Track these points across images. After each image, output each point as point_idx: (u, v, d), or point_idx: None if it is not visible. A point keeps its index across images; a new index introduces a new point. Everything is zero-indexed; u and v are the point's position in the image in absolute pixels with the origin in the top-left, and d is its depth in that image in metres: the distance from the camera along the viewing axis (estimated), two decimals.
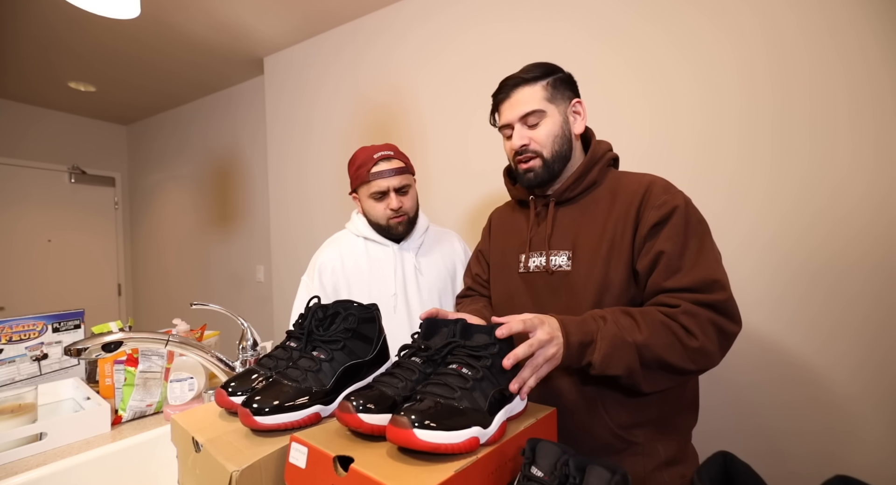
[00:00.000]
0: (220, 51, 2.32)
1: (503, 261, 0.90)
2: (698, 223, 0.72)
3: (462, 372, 0.53)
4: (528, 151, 0.80)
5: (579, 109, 0.82)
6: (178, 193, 3.26)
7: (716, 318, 0.66)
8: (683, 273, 0.68)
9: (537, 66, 0.81)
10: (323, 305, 0.70)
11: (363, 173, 1.03)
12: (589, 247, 0.77)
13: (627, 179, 0.79)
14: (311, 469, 0.48)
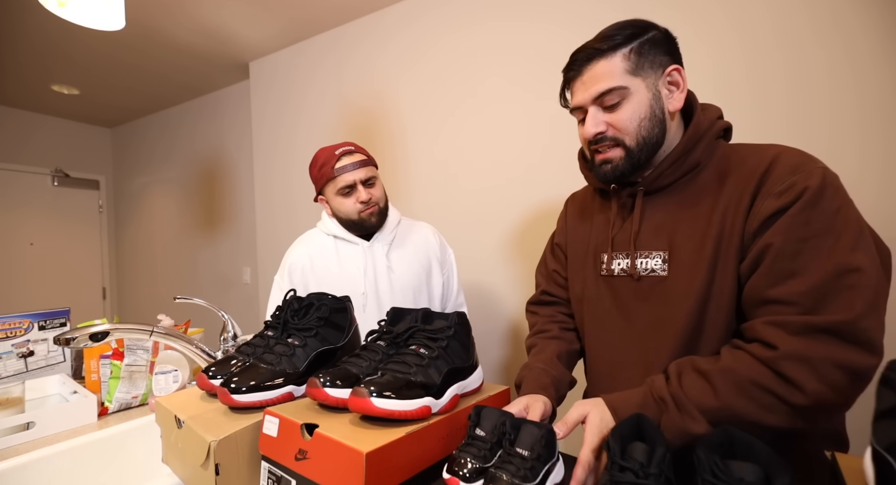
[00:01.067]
0: (206, 55, 2.36)
1: (581, 261, 0.77)
2: (836, 213, 0.52)
3: (420, 352, 0.60)
4: (607, 138, 0.64)
5: (677, 79, 0.63)
6: (165, 196, 3.27)
7: (839, 353, 0.48)
8: (797, 279, 0.51)
9: (618, 30, 0.62)
10: (298, 297, 0.76)
11: (328, 171, 1.03)
12: (690, 247, 0.61)
13: (743, 156, 0.61)
14: (281, 437, 0.53)
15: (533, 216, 1.59)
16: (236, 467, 0.56)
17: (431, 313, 0.67)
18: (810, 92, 1.14)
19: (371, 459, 0.45)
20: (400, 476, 0.49)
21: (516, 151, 1.61)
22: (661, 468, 0.43)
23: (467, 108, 1.74)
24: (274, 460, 0.54)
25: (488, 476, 0.46)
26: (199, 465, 0.55)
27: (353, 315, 0.78)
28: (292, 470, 0.52)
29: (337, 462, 0.47)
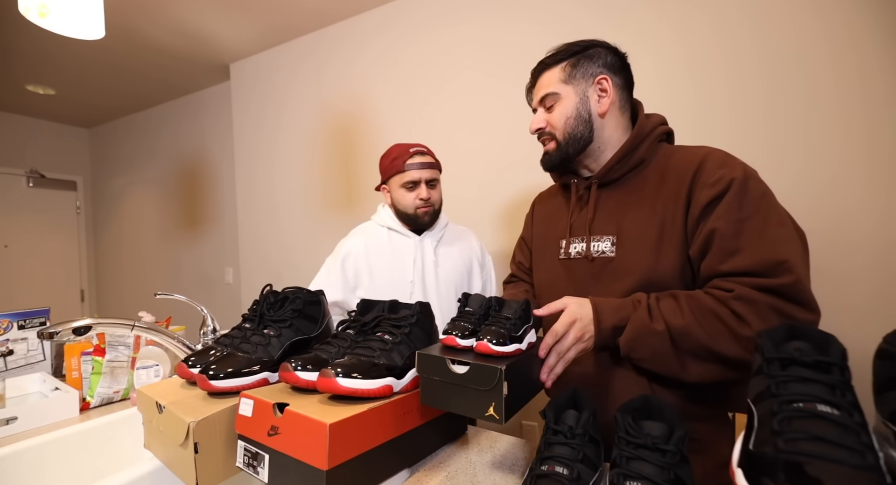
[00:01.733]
0: (186, 56, 2.37)
1: (545, 247, 0.87)
2: (761, 197, 0.63)
3: (384, 338, 0.65)
4: (545, 133, 0.80)
5: (605, 86, 0.75)
6: (145, 196, 3.25)
7: (780, 304, 0.58)
8: (742, 254, 0.61)
9: (563, 48, 0.78)
10: (275, 291, 0.81)
11: (399, 164, 1.11)
12: (635, 232, 0.71)
13: (680, 155, 0.72)
14: (255, 416, 0.58)
15: (509, 212, 1.66)
16: (214, 446, 0.61)
17: (398, 304, 0.73)
18: (746, 101, 1.24)
19: (334, 430, 0.50)
20: (362, 447, 0.55)
21: (496, 148, 1.68)
22: (587, 429, 0.49)
23: (444, 108, 1.80)
24: (249, 438, 0.59)
25: (482, 330, 0.56)
26: (179, 445, 0.60)
27: (327, 308, 0.83)
28: (266, 445, 0.57)
29: (304, 435, 0.52)
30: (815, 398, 0.36)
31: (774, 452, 0.34)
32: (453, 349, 0.57)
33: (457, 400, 0.54)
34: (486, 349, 0.54)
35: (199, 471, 0.59)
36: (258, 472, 0.58)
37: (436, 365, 0.55)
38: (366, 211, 2.02)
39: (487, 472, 0.62)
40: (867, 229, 1.11)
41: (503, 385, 0.49)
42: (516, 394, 0.53)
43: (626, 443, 0.45)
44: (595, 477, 0.47)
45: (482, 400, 0.51)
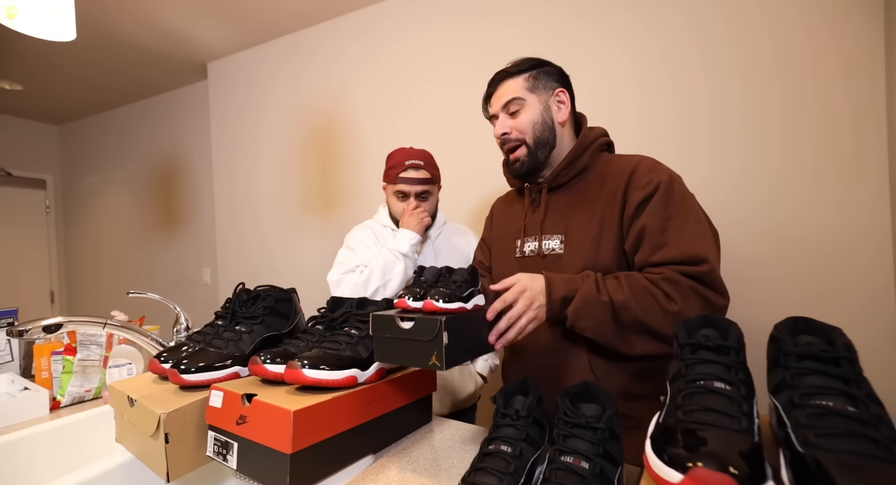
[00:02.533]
0: (161, 55, 2.34)
1: (502, 247, 0.94)
2: (682, 199, 0.73)
3: (350, 332, 0.69)
4: (511, 139, 0.84)
5: (563, 98, 0.84)
6: (119, 196, 3.18)
7: (698, 287, 0.68)
8: (668, 248, 0.71)
9: (524, 61, 0.85)
10: (247, 290, 0.84)
11: (392, 175, 1.16)
12: (580, 230, 0.80)
13: (617, 162, 0.82)
14: (225, 407, 0.61)
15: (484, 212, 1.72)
16: (185, 437, 0.63)
17: (365, 301, 0.77)
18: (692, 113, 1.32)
19: (298, 416, 0.54)
20: (326, 433, 0.58)
21: (474, 149, 1.73)
22: (531, 412, 0.54)
23: (423, 110, 1.84)
24: (219, 428, 0.62)
25: (431, 292, 0.60)
26: (150, 436, 0.62)
27: (299, 305, 0.86)
28: (234, 434, 0.60)
29: (270, 423, 0.56)
30: (713, 377, 0.41)
31: (675, 422, 0.39)
32: (405, 310, 0.61)
33: (405, 353, 0.59)
34: (431, 307, 0.58)
35: (170, 461, 0.62)
36: (227, 460, 0.61)
37: (387, 323, 0.60)
38: (344, 212, 2.04)
39: (447, 455, 0.67)
40: (812, 231, 1.20)
41: (443, 335, 0.54)
42: (458, 346, 0.57)
43: (564, 423, 0.50)
44: (536, 454, 0.52)
45: (426, 350, 0.56)
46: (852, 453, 0.31)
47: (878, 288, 1.13)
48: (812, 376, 0.38)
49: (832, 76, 1.19)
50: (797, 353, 0.39)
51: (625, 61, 1.45)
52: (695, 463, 0.33)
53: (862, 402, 0.35)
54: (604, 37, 1.48)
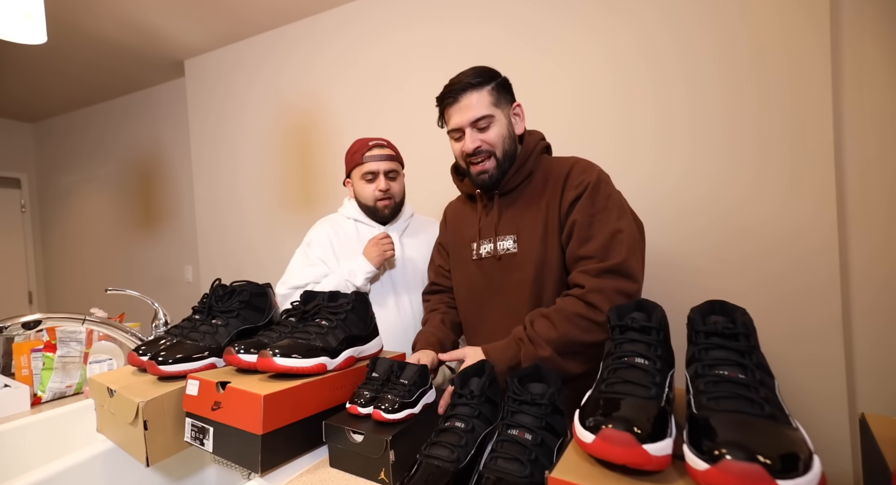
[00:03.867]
0: (136, 52, 2.31)
1: (459, 251, 0.99)
2: (608, 197, 0.81)
3: (321, 323, 0.73)
4: (482, 151, 0.86)
5: (519, 112, 0.90)
6: (97, 194, 3.14)
7: (618, 283, 0.75)
8: (592, 241, 0.78)
9: (479, 72, 0.86)
10: (223, 285, 0.87)
11: (358, 157, 1.15)
12: (529, 229, 0.86)
13: (556, 164, 0.88)
14: (201, 395, 0.65)
15: None
16: (163, 425, 0.67)
17: (337, 294, 0.80)
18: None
19: (268, 400, 0.58)
20: (296, 416, 0.62)
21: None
22: (484, 392, 0.59)
23: (403, 107, 1.87)
24: (195, 414, 0.66)
25: (378, 397, 0.62)
26: (129, 424, 0.66)
27: (274, 299, 0.90)
28: (210, 419, 0.64)
29: (243, 407, 0.60)
30: (635, 354, 0.47)
31: (598, 393, 0.44)
32: (356, 417, 0.62)
33: (356, 465, 0.59)
34: (379, 417, 0.60)
35: (149, 447, 0.65)
36: (204, 444, 0.65)
37: (339, 434, 0.60)
38: (324, 209, 2.06)
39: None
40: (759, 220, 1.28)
41: (390, 453, 0.56)
42: (409, 457, 0.57)
43: (513, 400, 0.55)
44: (488, 430, 0.57)
45: (375, 465, 0.57)
46: (733, 411, 0.37)
47: (825, 275, 1.21)
48: (715, 349, 0.43)
49: (777, 69, 1.25)
50: (705, 330, 0.45)
51: (600, 56, 1.49)
52: (606, 425, 0.38)
53: (750, 370, 0.40)
54: (580, 33, 1.52)
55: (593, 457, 0.40)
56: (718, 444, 0.33)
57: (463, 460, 0.51)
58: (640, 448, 0.36)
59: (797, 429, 0.36)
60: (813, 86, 1.22)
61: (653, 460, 0.36)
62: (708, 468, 0.33)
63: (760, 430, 0.35)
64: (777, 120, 1.26)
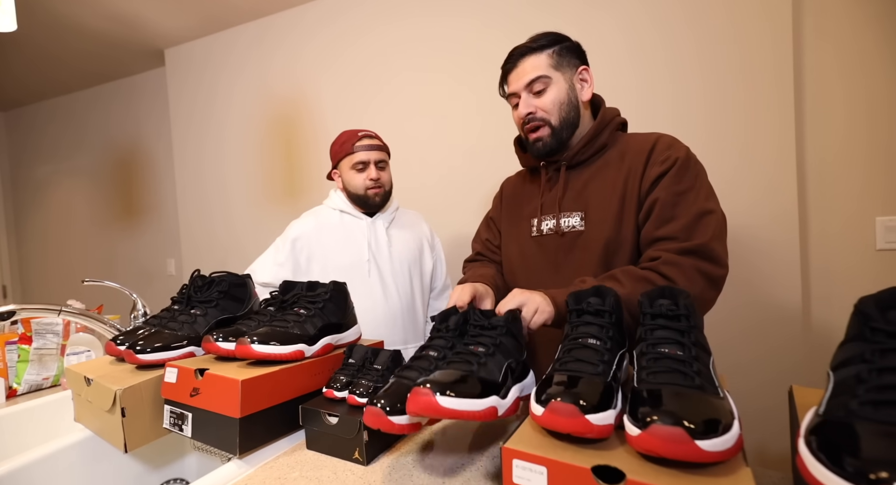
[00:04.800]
0: (113, 40, 2.26)
1: (516, 227, 0.93)
2: (696, 176, 0.74)
3: (299, 312, 0.75)
4: (535, 118, 0.82)
5: (586, 77, 0.83)
6: (74, 185, 3.06)
7: (700, 264, 0.68)
8: (674, 222, 0.71)
9: (544, 36, 0.82)
10: (202, 276, 0.88)
11: (348, 147, 1.16)
12: (601, 206, 0.79)
13: (635, 139, 0.82)
14: (179, 382, 0.67)
15: (458, 198, 1.78)
16: (141, 412, 0.68)
17: (316, 284, 0.82)
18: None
19: (246, 385, 0.60)
20: (274, 400, 0.65)
21: (443, 138, 1.78)
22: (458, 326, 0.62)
23: (391, 102, 1.88)
24: (174, 401, 0.68)
25: (353, 383, 0.65)
26: (107, 411, 0.67)
27: (254, 290, 0.91)
28: (188, 405, 0.65)
29: (221, 392, 0.61)
30: (588, 335, 0.50)
31: (552, 372, 0.48)
32: (332, 401, 0.66)
33: (333, 446, 0.62)
34: (353, 401, 0.63)
35: (127, 434, 0.67)
36: (183, 430, 0.67)
37: (315, 417, 0.63)
38: (309, 201, 2.07)
39: None
40: None
41: (363, 433, 0.59)
42: (381, 437, 0.62)
43: (474, 326, 0.59)
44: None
45: (349, 445, 0.60)
46: (668, 383, 0.41)
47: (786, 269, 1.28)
48: (659, 330, 0.47)
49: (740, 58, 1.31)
50: (651, 313, 0.48)
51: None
52: (555, 399, 0.41)
53: (688, 347, 0.44)
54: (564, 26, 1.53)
55: (545, 429, 0.43)
56: (650, 411, 0.37)
57: None
58: (583, 418, 0.39)
59: (724, 398, 0.40)
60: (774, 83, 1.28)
61: (594, 429, 0.40)
62: (640, 433, 0.36)
63: (688, 398, 0.38)
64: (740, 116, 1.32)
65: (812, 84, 1.29)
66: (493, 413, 0.48)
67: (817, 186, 1.30)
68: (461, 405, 0.46)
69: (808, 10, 1.28)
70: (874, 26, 1.22)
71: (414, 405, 0.47)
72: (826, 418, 0.33)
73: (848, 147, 1.26)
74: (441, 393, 0.46)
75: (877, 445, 0.28)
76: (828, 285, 1.29)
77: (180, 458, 0.86)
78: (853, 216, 1.26)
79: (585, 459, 0.38)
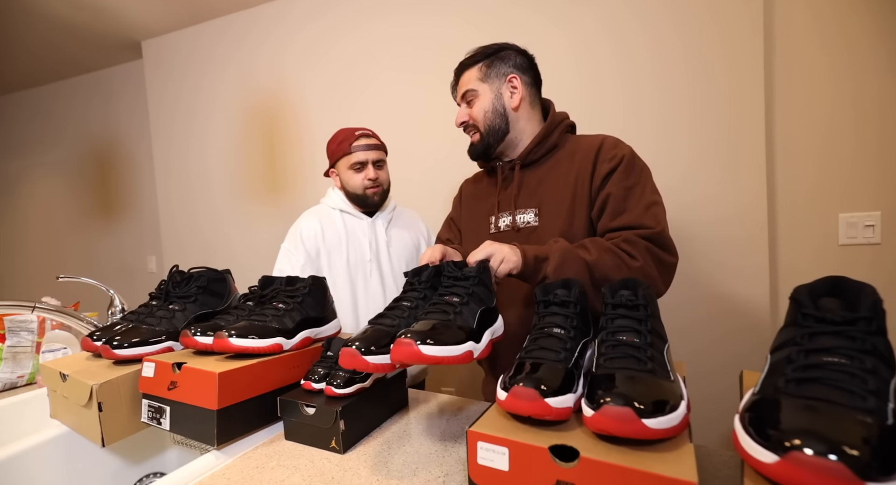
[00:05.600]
0: (84, 31, 2.19)
1: (475, 225, 0.98)
2: (641, 171, 0.82)
3: (278, 306, 0.76)
4: (469, 126, 0.92)
5: (515, 84, 0.89)
6: (49, 181, 2.98)
7: (652, 247, 0.75)
8: (626, 214, 0.78)
9: (479, 50, 0.91)
10: (181, 271, 0.88)
11: (345, 147, 1.16)
12: (553, 202, 0.85)
13: (583, 141, 0.89)
14: (157, 376, 0.67)
15: (446, 196, 1.80)
16: (118, 407, 0.69)
17: (295, 279, 0.83)
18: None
19: (223, 377, 0.61)
20: (251, 393, 0.66)
21: (429, 135, 1.78)
22: (430, 279, 0.65)
23: (376, 102, 1.88)
24: (152, 395, 0.68)
25: (331, 374, 0.67)
26: (83, 406, 0.67)
27: (233, 285, 0.91)
28: (166, 398, 0.66)
29: (199, 385, 0.62)
30: (554, 325, 0.53)
31: (520, 359, 0.50)
32: (310, 392, 0.67)
33: (310, 436, 0.64)
34: (330, 392, 0.64)
35: (105, 428, 0.67)
36: (161, 423, 0.67)
37: (293, 408, 0.65)
38: (293, 197, 2.06)
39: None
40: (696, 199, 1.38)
41: (340, 423, 0.61)
42: (358, 427, 0.65)
43: (448, 277, 0.63)
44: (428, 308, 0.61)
45: (327, 435, 0.62)
46: (623, 368, 0.43)
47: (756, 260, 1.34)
48: (619, 319, 0.50)
49: (714, 59, 1.35)
50: (613, 303, 0.51)
51: (567, 46, 1.53)
52: (518, 384, 0.44)
53: (644, 335, 0.47)
54: (547, 23, 1.56)
55: (509, 413, 0.46)
56: (603, 394, 0.39)
57: (402, 326, 0.58)
58: (542, 401, 0.42)
59: (674, 381, 0.43)
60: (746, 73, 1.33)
61: (553, 411, 0.42)
62: (593, 414, 0.39)
63: (640, 382, 0.41)
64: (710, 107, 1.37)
65: (781, 82, 1.34)
66: (469, 356, 0.53)
67: (785, 184, 1.35)
68: (441, 352, 0.50)
69: (778, 9, 1.33)
70: (840, 31, 1.28)
71: (398, 354, 0.50)
72: (760, 396, 0.36)
73: (814, 145, 1.32)
74: (422, 342, 0.49)
75: (795, 417, 0.31)
76: (794, 280, 1.34)
77: (160, 452, 0.86)
78: (818, 213, 1.32)
79: (544, 439, 0.41)
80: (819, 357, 0.35)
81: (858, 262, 1.28)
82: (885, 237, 1.25)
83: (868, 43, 1.25)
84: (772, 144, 1.35)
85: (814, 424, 0.30)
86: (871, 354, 0.34)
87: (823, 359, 0.35)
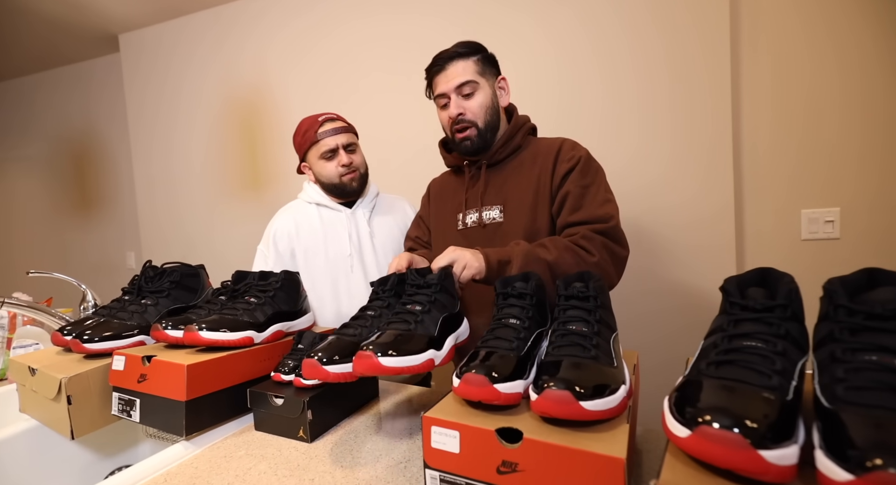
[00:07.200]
0: (59, 23, 2.14)
1: (443, 222, 1.01)
2: (596, 171, 0.88)
3: (250, 300, 0.77)
4: (465, 120, 0.90)
5: (504, 85, 0.95)
6: (23, 175, 2.91)
7: (606, 242, 0.80)
8: (583, 210, 0.84)
9: (468, 44, 0.92)
10: (154, 266, 0.88)
11: (311, 135, 1.08)
12: (517, 199, 0.90)
13: (544, 143, 0.94)
14: (127, 369, 0.68)
15: None
16: (88, 400, 0.69)
17: (268, 274, 0.84)
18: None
19: (192, 369, 0.62)
20: (220, 384, 0.67)
21: (412, 129, 1.79)
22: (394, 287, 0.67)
23: (356, 95, 1.87)
24: (122, 388, 0.69)
25: (300, 367, 0.67)
26: (52, 400, 0.67)
27: (207, 280, 0.92)
28: (136, 391, 0.67)
29: (168, 377, 0.63)
30: (511, 316, 0.55)
31: (477, 348, 0.52)
32: (279, 384, 0.68)
33: (279, 426, 0.65)
34: (298, 384, 0.65)
35: (74, 421, 0.67)
36: (131, 415, 0.68)
37: (261, 399, 0.66)
38: (275, 193, 2.05)
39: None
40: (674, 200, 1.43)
41: (307, 413, 0.62)
42: (326, 416, 0.66)
43: (410, 285, 0.65)
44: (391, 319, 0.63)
45: (295, 425, 0.63)
46: (568, 355, 0.46)
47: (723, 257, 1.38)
48: (571, 310, 0.52)
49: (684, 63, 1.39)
50: (566, 295, 0.54)
51: (546, 44, 1.55)
52: (470, 372, 0.46)
53: (592, 324, 0.49)
54: (528, 20, 1.58)
55: (463, 399, 0.48)
56: (547, 379, 0.42)
57: (364, 337, 0.60)
58: (491, 387, 0.44)
59: (617, 367, 0.46)
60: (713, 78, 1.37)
61: (501, 396, 0.44)
62: (536, 398, 0.41)
63: (582, 367, 0.44)
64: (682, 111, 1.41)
65: (748, 83, 1.38)
66: (430, 365, 0.54)
67: (752, 181, 1.40)
68: (401, 363, 0.52)
69: (744, 11, 1.37)
70: (805, 29, 1.32)
71: (359, 367, 0.52)
72: (687, 378, 0.39)
73: (778, 142, 1.37)
74: (383, 354, 0.51)
75: (710, 396, 0.34)
76: None
77: (133, 446, 0.87)
78: (782, 209, 1.37)
79: (492, 423, 0.43)
80: (740, 342, 0.38)
81: (819, 256, 1.34)
82: (844, 232, 1.31)
83: (826, 48, 1.30)
84: (739, 143, 1.39)
85: (723, 401, 0.32)
86: (783, 338, 0.36)
87: (743, 343, 0.37)
